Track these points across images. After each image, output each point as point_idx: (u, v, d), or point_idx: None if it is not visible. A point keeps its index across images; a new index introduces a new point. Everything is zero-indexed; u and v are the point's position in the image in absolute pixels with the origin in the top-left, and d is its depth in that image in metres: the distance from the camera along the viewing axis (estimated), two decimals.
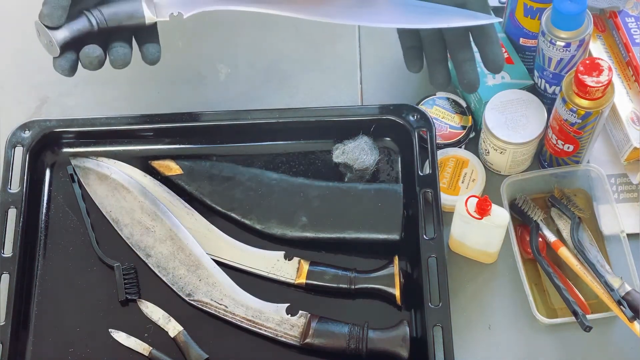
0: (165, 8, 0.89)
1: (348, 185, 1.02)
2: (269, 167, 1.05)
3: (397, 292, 0.96)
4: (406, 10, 0.89)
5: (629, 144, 1.02)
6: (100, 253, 1.01)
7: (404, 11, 0.89)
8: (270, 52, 1.17)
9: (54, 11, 0.83)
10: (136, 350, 0.96)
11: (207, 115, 1.06)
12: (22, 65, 1.17)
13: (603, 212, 1.02)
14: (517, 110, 1.01)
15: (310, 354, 0.95)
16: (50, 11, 0.83)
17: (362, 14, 0.89)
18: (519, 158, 1.02)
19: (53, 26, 0.84)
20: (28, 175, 1.02)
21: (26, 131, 1.04)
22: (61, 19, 0.84)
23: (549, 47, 0.97)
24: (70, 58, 0.86)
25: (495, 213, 0.93)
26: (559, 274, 0.99)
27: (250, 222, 1.01)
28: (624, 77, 1.06)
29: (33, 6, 1.21)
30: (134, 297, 0.98)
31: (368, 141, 1.03)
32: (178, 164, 1.04)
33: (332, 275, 0.98)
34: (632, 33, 1.06)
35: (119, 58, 0.89)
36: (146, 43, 0.91)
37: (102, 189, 1.03)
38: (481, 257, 1.01)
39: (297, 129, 1.06)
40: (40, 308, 0.99)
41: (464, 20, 0.87)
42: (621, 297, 0.93)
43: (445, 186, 1.03)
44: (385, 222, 0.99)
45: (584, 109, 0.93)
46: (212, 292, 0.98)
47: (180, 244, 1.00)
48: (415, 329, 0.96)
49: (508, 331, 0.98)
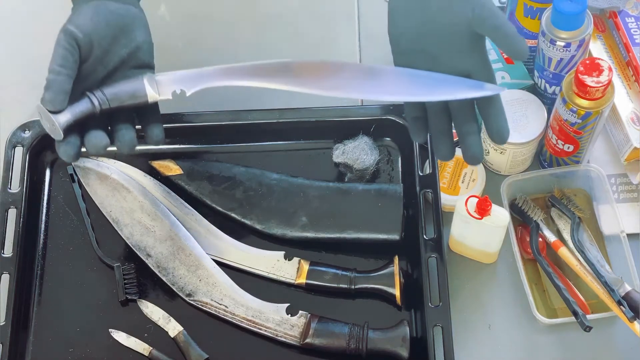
0: (168, 86, 0.88)
1: (348, 185, 1.02)
2: (269, 167, 1.05)
3: (397, 292, 0.96)
4: (411, 82, 0.87)
5: (629, 144, 1.02)
6: (100, 253, 1.01)
7: (410, 82, 0.87)
8: (270, 52, 1.17)
9: (56, 96, 0.82)
10: (136, 350, 0.96)
11: (207, 115, 1.06)
12: (22, 65, 1.17)
13: (603, 212, 1.02)
14: (517, 110, 1.01)
15: (310, 354, 0.95)
16: (52, 96, 0.82)
17: (368, 86, 0.88)
18: (519, 158, 1.02)
19: (56, 110, 0.83)
20: (28, 175, 1.02)
21: (26, 131, 1.04)
22: (63, 104, 0.83)
23: (549, 47, 0.97)
24: (75, 144, 0.86)
25: (495, 213, 0.93)
26: (559, 274, 0.99)
27: (250, 222, 1.01)
28: (624, 77, 1.06)
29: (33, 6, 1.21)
30: (134, 297, 0.98)
31: (368, 141, 1.03)
32: (178, 164, 1.04)
33: (332, 275, 0.98)
34: (632, 33, 1.06)
35: (125, 145, 0.88)
36: (150, 124, 0.90)
37: (102, 189, 1.03)
38: (481, 257, 1.01)
39: (297, 129, 1.06)
40: (40, 308, 0.99)
41: (469, 91, 0.85)
42: (621, 297, 0.93)
43: (445, 186, 1.03)
44: (385, 222, 0.99)
45: (584, 109, 0.93)
46: (212, 292, 0.98)
47: (180, 244, 1.00)
48: (415, 329, 0.96)
49: (508, 331, 0.98)
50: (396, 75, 0.89)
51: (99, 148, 0.86)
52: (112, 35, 0.87)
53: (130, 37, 0.88)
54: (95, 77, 0.87)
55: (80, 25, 0.85)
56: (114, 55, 0.87)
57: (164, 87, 0.88)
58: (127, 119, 0.89)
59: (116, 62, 0.88)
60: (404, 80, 0.88)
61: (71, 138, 0.85)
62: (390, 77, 0.88)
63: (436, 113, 0.89)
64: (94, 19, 0.85)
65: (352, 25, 1.18)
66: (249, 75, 0.88)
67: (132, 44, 0.88)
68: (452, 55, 0.87)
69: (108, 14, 0.86)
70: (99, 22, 0.86)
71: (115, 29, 0.87)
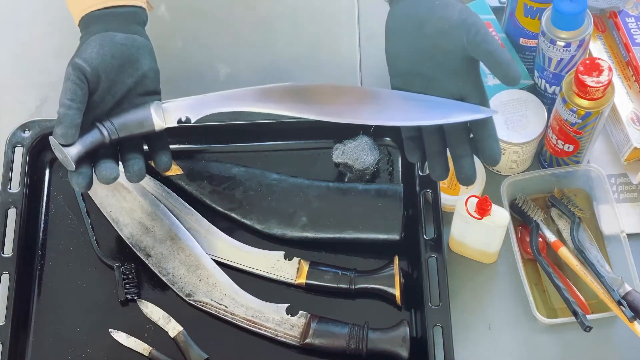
0: (174, 114, 0.91)
1: (348, 185, 1.02)
2: (269, 167, 1.05)
3: (397, 292, 0.96)
4: (407, 105, 0.90)
5: (629, 144, 1.02)
6: (100, 253, 1.01)
7: (406, 106, 0.90)
8: (270, 52, 1.17)
9: (68, 130, 0.85)
10: (136, 350, 0.96)
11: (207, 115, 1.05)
12: (22, 65, 1.17)
13: (603, 212, 1.02)
14: (517, 110, 1.01)
15: (310, 354, 0.95)
16: (64, 131, 0.85)
17: (365, 111, 0.91)
18: (519, 158, 1.02)
19: (67, 144, 0.86)
20: (28, 175, 1.02)
21: (26, 131, 1.04)
22: (75, 137, 0.86)
23: (549, 47, 0.97)
24: (87, 174, 0.89)
25: (495, 213, 0.93)
26: (559, 274, 0.99)
27: (250, 222, 1.01)
28: (624, 77, 1.06)
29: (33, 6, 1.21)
30: (134, 297, 0.98)
31: (368, 141, 1.03)
32: (178, 164, 1.04)
33: (332, 275, 0.98)
34: (632, 33, 1.06)
35: (135, 175, 0.91)
36: (158, 152, 0.93)
37: (102, 189, 1.03)
38: (481, 257, 1.01)
39: (297, 129, 1.06)
40: (40, 308, 0.99)
41: (464, 114, 0.88)
42: (621, 297, 0.93)
43: (445, 186, 1.03)
44: (385, 222, 0.99)
45: (584, 109, 0.93)
46: (212, 292, 0.98)
47: (180, 244, 1.00)
48: (415, 329, 0.96)
49: (508, 331, 0.98)
50: (393, 97, 0.91)
51: (110, 179, 0.89)
52: (118, 66, 0.89)
53: (136, 66, 0.90)
54: (104, 106, 0.90)
55: (88, 59, 0.87)
56: (121, 85, 0.90)
57: (170, 115, 0.91)
58: (136, 149, 0.92)
59: (123, 91, 0.90)
60: (400, 103, 0.91)
61: (83, 168, 0.88)
62: (387, 101, 0.91)
63: (430, 133, 0.91)
64: (100, 52, 0.88)
65: (352, 25, 1.18)
66: (251, 101, 0.91)
67: (138, 73, 0.91)
68: (446, 78, 0.89)
69: (114, 46, 0.89)
70: (105, 54, 0.88)
71: (121, 59, 0.89)
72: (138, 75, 0.91)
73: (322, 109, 0.91)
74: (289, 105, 0.91)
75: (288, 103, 0.91)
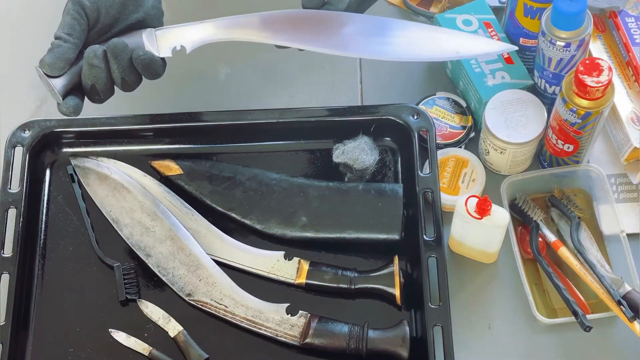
0: (168, 41, 0.88)
1: (348, 185, 1.02)
2: (269, 167, 1.05)
3: (397, 292, 0.96)
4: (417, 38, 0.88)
5: (629, 144, 1.02)
6: (100, 253, 1.01)
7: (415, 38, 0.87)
8: (270, 52, 1.16)
9: (56, 62, 0.81)
10: (136, 350, 0.96)
11: (207, 115, 1.05)
12: (22, 65, 1.17)
13: (603, 212, 1.02)
14: (517, 110, 1.01)
15: (310, 354, 0.95)
16: (52, 61, 0.81)
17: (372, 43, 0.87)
18: (519, 158, 1.02)
19: (53, 75, 0.82)
20: (28, 175, 1.02)
21: (26, 131, 1.04)
22: (62, 70, 0.82)
23: (549, 47, 0.97)
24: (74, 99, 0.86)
25: (495, 213, 0.93)
26: (559, 274, 0.99)
27: (250, 222, 1.01)
28: (624, 77, 1.06)
29: (33, 6, 1.21)
30: (134, 297, 0.98)
31: (368, 141, 1.03)
32: (178, 164, 1.04)
33: (332, 275, 0.98)
34: (632, 33, 1.06)
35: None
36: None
37: (102, 189, 1.03)
38: (481, 257, 1.01)
39: (297, 129, 1.06)
40: (40, 308, 0.99)
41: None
42: (621, 297, 0.93)
43: (445, 186, 1.03)
44: (385, 222, 0.99)
45: (584, 109, 0.93)
46: (212, 292, 0.98)
47: (180, 244, 1.00)
48: (415, 329, 0.96)
49: (508, 331, 0.98)
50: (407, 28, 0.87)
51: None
52: (120, 3, 0.85)
53: (138, 3, 0.87)
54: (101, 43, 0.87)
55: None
56: (122, 23, 0.86)
57: (164, 42, 0.86)
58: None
59: (124, 29, 0.86)
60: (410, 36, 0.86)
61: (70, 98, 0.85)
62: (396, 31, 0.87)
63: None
64: None
65: None
66: (251, 29, 0.86)
67: (140, 10, 0.87)
68: None
69: None
70: None
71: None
72: (140, 14, 0.87)
73: (326, 41, 0.86)
74: (291, 36, 0.86)
75: (289, 33, 0.86)
